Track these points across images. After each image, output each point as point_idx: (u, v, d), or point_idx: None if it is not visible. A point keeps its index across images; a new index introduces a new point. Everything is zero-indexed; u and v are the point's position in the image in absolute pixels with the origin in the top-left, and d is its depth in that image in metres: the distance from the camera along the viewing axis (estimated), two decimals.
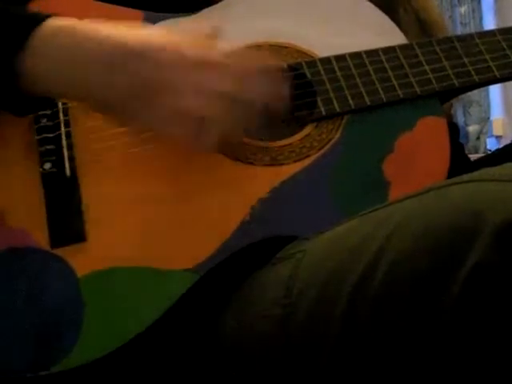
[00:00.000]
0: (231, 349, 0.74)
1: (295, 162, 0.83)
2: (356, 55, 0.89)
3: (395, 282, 0.63)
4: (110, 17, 0.79)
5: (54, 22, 0.77)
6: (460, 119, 3.84)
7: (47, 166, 0.82)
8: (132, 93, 0.75)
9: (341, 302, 0.66)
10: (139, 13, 0.91)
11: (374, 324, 0.64)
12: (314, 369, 0.68)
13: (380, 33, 0.92)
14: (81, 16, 0.78)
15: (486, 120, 3.95)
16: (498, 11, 4.01)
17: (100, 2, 0.88)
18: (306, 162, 0.83)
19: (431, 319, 0.61)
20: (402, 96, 0.87)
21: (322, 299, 0.68)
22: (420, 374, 0.63)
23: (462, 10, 3.95)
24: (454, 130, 0.94)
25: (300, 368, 0.69)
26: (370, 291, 0.64)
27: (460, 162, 0.86)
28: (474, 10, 4.01)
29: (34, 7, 0.86)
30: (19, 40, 0.76)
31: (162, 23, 0.90)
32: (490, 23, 3.99)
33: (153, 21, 0.90)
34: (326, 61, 0.89)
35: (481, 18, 4.04)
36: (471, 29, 3.93)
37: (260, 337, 0.72)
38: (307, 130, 0.86)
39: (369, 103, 0.86)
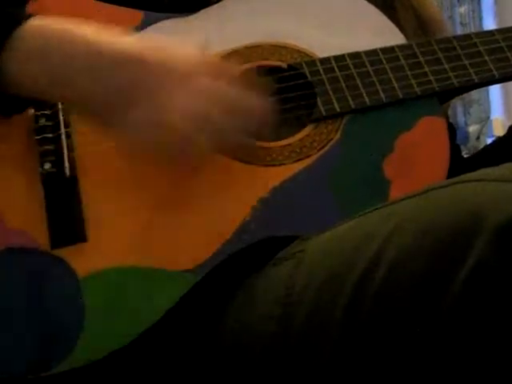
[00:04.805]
0: (232, 349, 0.74)
1: (295, 161, 0.83)
2: (355, 55, 0.89)
3: (396, 281, 0.63)
4: (109, 17, 0.80)
5: (39, 24, 0.77)
6: (460, 119, 3.83)
7: (47, 166, 0.81)
8: (114, 99, 0.75)
9: (342, 302, 0.66)
10: (138, 13, 0.91)
11: (374, 323, 0.64)
12: (314, 368, 0.68)
13: (379, 33, 0.93)
14: (80, 16, 0.78)
15: (485, 120, 3.94)
16: (498, 12, 4.01)
17: (99, 2, 0.88)
18: (307, 162, 0.83)
19: (432, 318, 0.61)
20: (401, 96, 0.87)
21: (322, 299, 0.68)
22: (420, 373, 0.63)
23: (462, 10, 3.95)
24: (452, 132, 0.95)
25: (301, 367, 0.69)
26: (370, 290, 0.65)
27: (456, 164, 0.86)
28: (473, 11, 4.00)
29: (32, 7, 0.86)
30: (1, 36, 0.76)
31: (161, 23, 0.90)
32: (489, 24, 3.99)
33: (152, 21, 0.90)
34: (325, 61, 0.89)
35: (481, 19, 4.03)
36: (471, 29, 3.92)
37: (261, 337, 0.72)
38: (307, 130, 0.86)
39: (368, 103, 0.87)
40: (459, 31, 3.88)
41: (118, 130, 0.76)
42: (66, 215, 0.79)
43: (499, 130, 3.92)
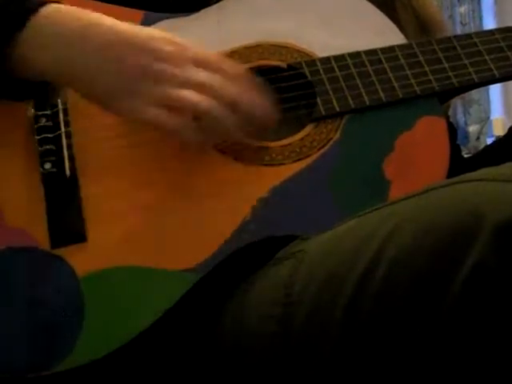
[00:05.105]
0: (231, 349, 0.74)
1: (295, 161, 0.83)
2: (355, 55, 0.90)
3: (396, 281, 0.63)
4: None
5: (53, 8, 0.78)
6: (460, 119, 3.84)
7: (47, 166, 0.81)
8: (126, 79, 0.77)
9: (342, 302, 0.66)
10: (138, 13, 0.91)
11: (374, 323, 0.64)
12: (314, 368, 0.68)
13: (380, 33, 0.93)
14: None
15: (485, 120, 3.95)
16: (498, 11, 4.02)
17: (99, 2, 0.88)
18: (306, 161, 0.83)
19: (432, 318, 0.61)
20: (401, 96, 0.87)
21: (322, 299, 0.68)
22: (420, 372, 0.63)
23: (462, 9, 3.95)
24: (452, 132, 0.95)
25: (301, 367, 0.69)
26: (370, 290, 0.64)
27: (457, 164, 0.86)
28: (473, 10, 4.01)
29: None
30: (16, 23, 0.77)
31: (161, 23, 0.90)
32: (489, 23, 3.99)
33: (152, 21, 0.90)
34: (325, 60, 0.89)
35: (481, 18, 4.04)
36: (471, 29, 3.93)
37: (260, 337, 0.72)
38: (307, 129, 0.86)
39: (368, 103, 0.87)
40: (459, 31, 3.89)
41: (136, 107, 0.77)
42: (65, 215, 0.79)
43: (499, 130, 3.93)
